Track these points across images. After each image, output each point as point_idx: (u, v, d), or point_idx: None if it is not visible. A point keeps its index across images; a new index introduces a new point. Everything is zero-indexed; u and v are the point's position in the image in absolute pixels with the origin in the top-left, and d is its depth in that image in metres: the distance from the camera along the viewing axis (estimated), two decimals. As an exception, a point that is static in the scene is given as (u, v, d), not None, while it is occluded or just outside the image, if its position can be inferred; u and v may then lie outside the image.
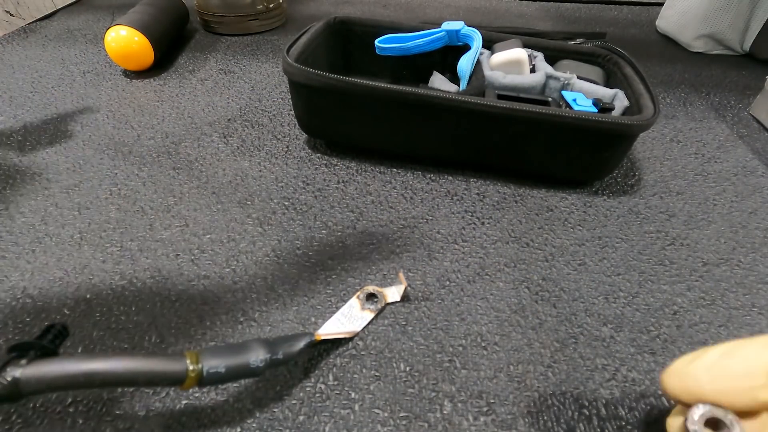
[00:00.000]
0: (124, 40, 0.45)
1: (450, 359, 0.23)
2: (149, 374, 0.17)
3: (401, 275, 0.26)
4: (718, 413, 0.15)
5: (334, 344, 0.24)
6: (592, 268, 0.28)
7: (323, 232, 0.30)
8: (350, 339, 0.24)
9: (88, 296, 0.26)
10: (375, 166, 0.36)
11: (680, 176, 0.37)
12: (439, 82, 0.40)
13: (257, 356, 0.19)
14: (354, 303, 0.26)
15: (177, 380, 0.18)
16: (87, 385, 0.16)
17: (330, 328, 0.24)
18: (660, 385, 0.17)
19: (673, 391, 0.16)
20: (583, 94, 0.35)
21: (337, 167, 0.36)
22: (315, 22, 0.40)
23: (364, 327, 0.25)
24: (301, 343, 0.21)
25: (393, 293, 0.26)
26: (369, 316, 0.25)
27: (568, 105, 0.34)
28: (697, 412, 0.16)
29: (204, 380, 0.18)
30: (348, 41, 0.43)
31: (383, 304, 0.26)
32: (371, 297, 0.26)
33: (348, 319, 0.25)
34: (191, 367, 0.18)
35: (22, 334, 0.24)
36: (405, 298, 0.26)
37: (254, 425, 0.20)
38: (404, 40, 0.39)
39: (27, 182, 0.33)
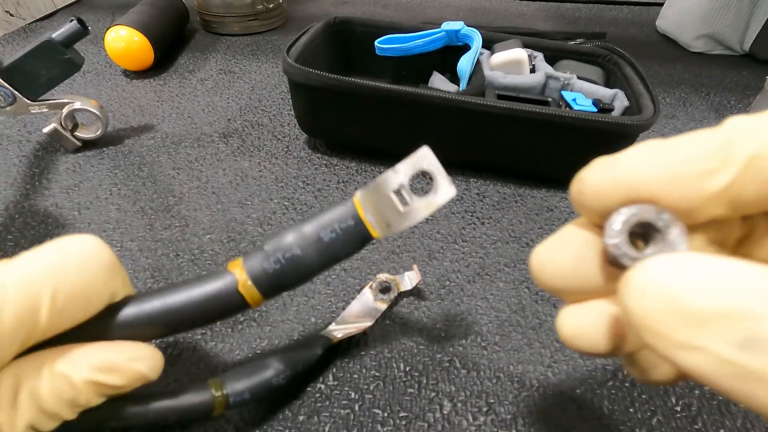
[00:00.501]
0: (124, 40, 0.45)
1: (450, 359, 0.23)
2: (178, 411, 0.17)
3: (415, 268, 0.26)
4: (649, 214, 0.10)
5: (334, 345, 0.24)
6: (592, 268, 0.28)
7: (323, 232, 0.30)
8: (360, 334, 0.24)
9: (88, 296, 0.26)
10: (375, 166, 0.36)
11: (680, 176, 0.37)
12: (439, 82, 0.40)
13: (278, 373, 0.19)
14: (367, 294, 0.25)
15: (206, 411, 0.18)
16: (117, 427, 0.17)
17: (342, 325, 0.24)
18: (573, 191, 0.12)
19: (595, 186, 0.11)
20: (582, 94, 0.35)
21: (337, 167, 0.36)
22: (315, 22, 0.40)
23: (377, 319, 0.24)
24: (319, 350, 0.21)
25: (406, 281, 0.26)
26: (382, 307, 0.25)
27: (568, 105, 0.34)
28: (619, 219, 0.11)
29: (231, 406, 0.18)
30: (348, 41, 0.43)
31: (396, 294, 0.25)
32: (384, 287, 0.26)
33: (362, 311, 0.24)
34: (217, 395, 0.18)
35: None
36: (417, 291, 0.26)
37: (254, 425, 0.20)
38: (404, 40, 0.39)
39: (27, 183, 0.33)
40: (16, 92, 0.34)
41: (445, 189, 0.16)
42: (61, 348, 0.14)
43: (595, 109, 0.33)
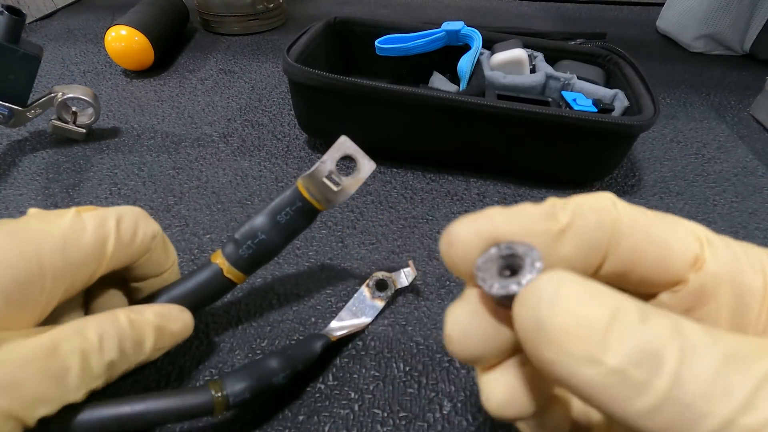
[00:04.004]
0: (125, 40, 0.45)
1: (450, 359, 0.23)
2: (178, 411, 0.17)
3: (411, 263, 0.26)
4: (518, 249, 0.11)
5: (334, 344, 0.24)
6: (592, 268, 0.28)
7: (323, 232, 0.30)
8: (359, 332, 0.24)
9: (87, 296, 0.26)
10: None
11: (680, 177, 0.37)
12: (439, 82, 0.40)
13: (278, 373, 0.19)
14: (363, 292, 0.25)
15: (206, 411, 0.18)
16: (119, 430, 0.17)
17: (341, 324, 0.24)
18: (443, 244, 0.12)
19: (462, 236, 0.12)
20: (583, 94, 0.35)
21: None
22: (315, 22, 0.40)
23: (376, 317, 0.24)
24: (318, 349, 0.21)
25: (402, 278, 0.26)
26: (380, 305, 0.25)
27: (568, 105, 0.34)
28: (482, 258, 0.11)
29: (231, 406, 0.18)
30: (348, 41, 0.43)
31: (393, 291, 0.25)
32: (381, 285, 0.26)
33: (359, 310, 0.25)
34: (217, 395, 0.18)
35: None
36: (414, 287, 0.26)
37: (254, 425, 0.20)
38: (404, 40, 0.39)
39: (27, 182, 0.33)
40: (8, 105, 0.34)
41: (365, 166, 0.21)
42: (124, 307, 0.18)
43: (595, 110, 0.33)
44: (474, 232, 0.12)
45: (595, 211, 0.12)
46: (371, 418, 0.21)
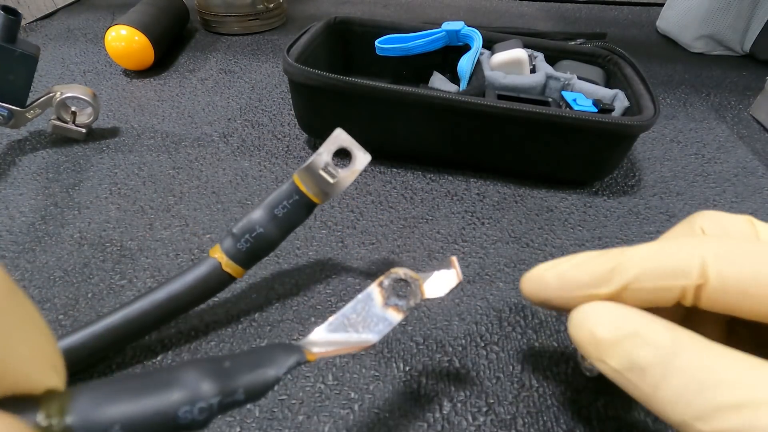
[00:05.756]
0: (125, 40, 0.45)
1: (450, 359, 0.23)
2: None
3: (455, 262, 0.18)
4: None
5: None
6: (592, 268, 0.28)
7: (323, 232, 0.30)
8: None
9: (88, 296, 0.26)
10: (375, 166, 0.36)
11: (680, 177, 0.37)
12: (439, 82, 0.40)
13: (192, 397, 0.11)
14: (373, 295, 0.17)
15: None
16: None
17: (329, 338, 0.16)
18: (520, 286, 0.18)
19: (527, 293, 0.17)
20: (583, 94, 0.35)
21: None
22: (315, 22, 0.40)
23: (385, 335, 0.16)
24: (283, 370, 0.13)
25: (434, 284, 0.17)
26: (395, 318, 0.16)
27: (568, 105, 0.34)
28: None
29: None
30: (348, 41, 0.43)
31: (419, 300, 0.17)
32: (401, 288, 0.17)
33: (363, 320, 0.16)
34: (44, 423, 0.09)
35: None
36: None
37: (253, 425, 0.20)
38: (404, 40, 0.39)
39: (27, 182, 0.33)
40: (8, 106, 0.34)
41: (361, 158, 0.21)
42: None
43: (596, 110, 0.33)
44: (534, 294, 0.17)
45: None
46: (371, 419, 0.21)
